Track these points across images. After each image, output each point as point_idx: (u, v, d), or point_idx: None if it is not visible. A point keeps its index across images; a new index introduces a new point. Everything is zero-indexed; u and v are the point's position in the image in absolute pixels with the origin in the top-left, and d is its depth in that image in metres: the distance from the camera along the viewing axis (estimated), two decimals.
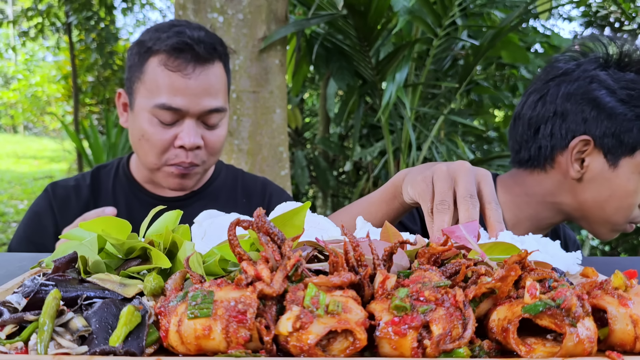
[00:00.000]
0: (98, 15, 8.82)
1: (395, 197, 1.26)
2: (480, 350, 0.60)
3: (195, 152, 1.67)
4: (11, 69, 17.43)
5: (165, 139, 1.64)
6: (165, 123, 1.63)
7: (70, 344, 0.59)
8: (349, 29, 3.77)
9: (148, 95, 1.64)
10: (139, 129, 1.66)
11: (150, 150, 1.67)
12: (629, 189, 1.50)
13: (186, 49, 1.62)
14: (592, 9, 5.58)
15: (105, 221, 0.78)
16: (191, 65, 1.62)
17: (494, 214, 1.02)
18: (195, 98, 1.62)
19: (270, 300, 0.60)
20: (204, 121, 1.66)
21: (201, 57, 1.64)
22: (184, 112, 1.62)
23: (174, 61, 1.62)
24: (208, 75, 1.65)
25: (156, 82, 1.63)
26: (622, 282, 0.67)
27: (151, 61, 1.64)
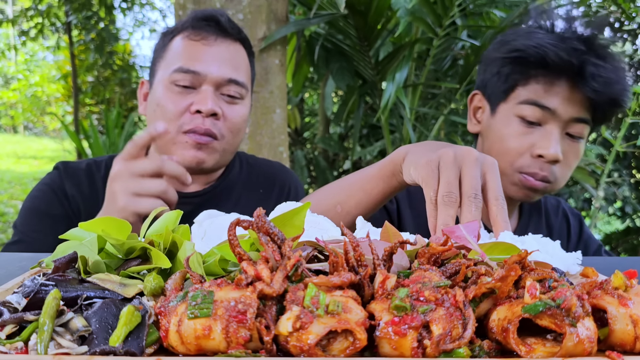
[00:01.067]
0: (98, 15, 8.83)
1: (394, 174, 1.22)
2: (480, 350, 0.60)
3: (212, 121, 1.56)
4: (11, 69, 17.42)
5: (180, 105, 1.55)
6: (181, 87, 1.55)
7: (70, 344, 0.59)
8: (349, 28, 3.77)
9: (166, 66, 1.58)
10: (155, 102, 1.58)
11: (164, 118, 1.56)
12: (503, 133, 1.52)
13: (210, 21, 1.59)
14: (592, 9, 5.58)
15: (105, 221, 0.78)
16: (214, 36, 1.58)
17: (500, 212, 0.99)
18: (214, 64, 1.55)
19: (270, 300, 0.60)
20: (223, 93, 1.59)
21: (225, 31, 1.60)
22: (201, 78, 1.55)
23: (197, 33, 1.58)
24: (229, 48, 1.60)
25: (177, 52, 1.58)
26: (622, 282, 0.67)
27: (175, 39, 1.60)
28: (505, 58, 1.52)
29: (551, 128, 1.46)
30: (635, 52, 6.03)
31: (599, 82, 1.42)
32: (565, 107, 1.45)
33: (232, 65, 1.59)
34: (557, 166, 1.48)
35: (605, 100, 1.45)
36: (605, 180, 3.01)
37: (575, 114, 1.45)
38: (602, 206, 5.51)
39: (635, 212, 5.77)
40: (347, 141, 6.19)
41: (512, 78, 1.50)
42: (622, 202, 5.79)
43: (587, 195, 5.46)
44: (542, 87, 1.46)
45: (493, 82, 1.55)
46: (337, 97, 6.24)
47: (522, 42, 1.50)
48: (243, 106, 1.63)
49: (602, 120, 1.51)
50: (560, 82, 1.46)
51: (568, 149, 1.49)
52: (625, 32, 5.71)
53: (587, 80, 1.42)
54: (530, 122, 1.48)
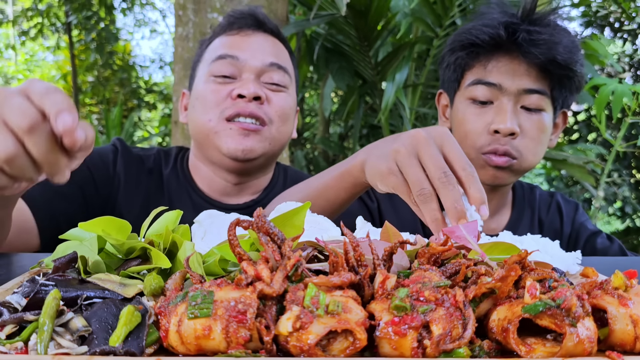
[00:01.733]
0: (98, 15, 8.83)
1: (355, 185, 1.21)
2: (481, 350, 0.60)
3: (257, 105, 1.46)
4: (11, 69, 17.43)
5: (221, 93, 1.47)
6: (222, 77, 1.48)
7: (70, 344, 0.59)
8: (349, 28, 3.77)
9: (205, 64, 1.53)
10: (194, 98, 1.52)
11: (203, 108, 1.48)
12: (461, 118, 1.55)
13: (247, 16, 1.55)
14: (592, 9, 5.58)
15: (106, 221, 0.78)
16: (251, 29, 1.53)
17: (472, 182, 0.92)
18: (254, 51, 1.49)
19: (270, 300, 0.60)
20: (265, 81, 1.50)
21: (263, 24, 1.55)
22: (241, 65, 1.48)
23: (233, 27, 1.54)
24: (268, 39, 1.54)
25: (215, 48, 1.53)
26: (622, 282, 0.67)
27: (213, 42, 1.56)
28: (450, 50, 1.58)
29: (501, 102, 1.47)
30: (635, 52, 6.03)
31: (537, 46, 1.43)
32: (511, 80, 1.46)
33: (272, 53, 1.52)
34: (519, 140, 1.47)
35: (550, 64, 1.44)
36: (605, 180, 3.01)
37: (523, 86, 1.46)
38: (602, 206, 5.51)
39: (635, 212, 5.78)
40: (347, 141, 6.19)
41: (458, 66, 1.55)
42: (622, 202, 5.79)
43: (587, 195, 5.46)
44: (484, 67, 1.50)
45: (447, 76, 1.60)
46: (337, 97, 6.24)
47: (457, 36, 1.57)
48: (288, 96, 1.54)
49: (561, 91, 1.50)
50: (499, 57, 1.48)
51: (527, 122, 1.48)
52: (625, 32, 5.71)
53: (523, 47, 1.44)
54: (483, 102, 1.50)
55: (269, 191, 1.65)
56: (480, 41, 1.48)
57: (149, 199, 1.57)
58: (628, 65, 6.00)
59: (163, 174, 1.61)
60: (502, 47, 1.47)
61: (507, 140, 1.47)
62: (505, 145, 1.47)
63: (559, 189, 5.79)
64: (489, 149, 1.48)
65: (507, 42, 1.46)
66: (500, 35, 1.46)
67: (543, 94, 1.47)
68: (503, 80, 1.46)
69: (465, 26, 1.58)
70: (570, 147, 4.13)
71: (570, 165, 3.47)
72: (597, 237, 1.68)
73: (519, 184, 1.76)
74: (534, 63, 1.45)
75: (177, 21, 3.29)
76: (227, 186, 1.59)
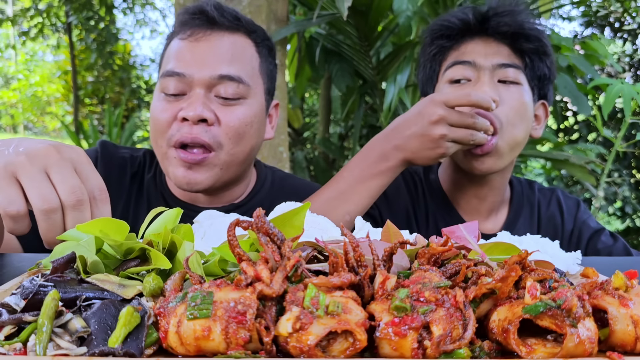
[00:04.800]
0: (98, 15, 8.84)
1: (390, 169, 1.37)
2: (481, 351, 0.60)
3: (204, 128, 1.34)
4: (11, 69, 17.43)
5: (168, 113, 1.37)
6: (169, 94, 1.38)
7: (69, 345, 0.58)
8: (350, 29, 3.77)
9: (162, 71, 1.44)
10: (150, 114, 1.44)
11: (155, 130, 1.40)
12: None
13: (199, 14, 1.42)
14: (592, 9, 5.58)
15: (103, 222, 0.78)
16: (202, 29, 1.40)
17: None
18: (201, 62, 1.37)
19: (270, 301, 0.60)
20: (217, 95, 1.38)
21: (215, 22, 1.41)
22: (188, 79, 1.36)
23: (185, 31, 1.42)
24: (222, 41, 1.40)
25: (168, 56, 1.43)
26: (623, 283, 0.67)
27: (171, 43, 1.46)
28: (422, 49, 1.64)
29: (478, 76, 1.51)
30: (635, 52, 6.03)
31: (503, 17, 1.51)
32: (484, 57, 1.51)
33: (225, 59, 1.38)
34: (499, 109, 1.47)
35: (519, 36, 1.51)
36: (605, 180, 3.01)
37: (497, 61, 1.50)
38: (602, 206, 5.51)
39: (635, 212, 5.78)
40: (347, 141, 6.19)
41: (434, 60, 1.60)
42: (622, 202, 5.79)
43: (587, 195, 5.46)
44: (456, 50, 1.56)
45: (424, 76, 1.64)
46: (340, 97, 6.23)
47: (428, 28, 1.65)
48: (245, 107, 1.40)
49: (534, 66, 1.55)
50: (472, 41, 1.55)
51: (506, 93, 1.49)
52: (625, 32, 5.71)
53: (491, 25, 1.52)
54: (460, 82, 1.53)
55: (253, 195, 1.59)
56: (451, 24, 1.56)
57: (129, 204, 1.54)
58: (628, 65, 6.00)
59: (145, 178, 1.57)
60: (472, 30, 1.55)
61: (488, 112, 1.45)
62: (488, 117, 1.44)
63: None
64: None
65: (477, 25, 1.54)
66: (469, 17, 1.54)
67: (517, 68, 1.52)
68: (476, 57, 1.51)
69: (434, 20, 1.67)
70: (570, 147, 4.13)
71: (571, 165, 3.47)
72: (600, 234, 1.65)
73: (517, 180, 1.74)
74: (503, 40, 1.53)
75: None
76: (198, 196, 1.54)
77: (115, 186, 1.51)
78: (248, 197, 1.59)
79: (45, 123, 18.29)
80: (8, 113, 18.21)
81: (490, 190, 1.61)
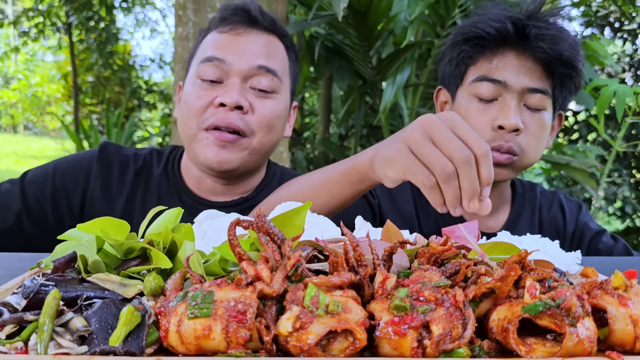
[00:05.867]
0: (98, 15, 8.83)
1: (362, 181, 1.22)
2: (480, 350, 0.60)
3: (239, 115, 1.42)
4: (11, 69, 17.43)
5: (204, 99, 1.43)
6: (208, 82, 1.44)
7: (70, 344, 0.59)
8: (349, 29, 3.77)
9: (197, 60, 1.49)
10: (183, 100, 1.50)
11: (188, 114, 1.45)
12: (462, 113, 1.53)
13: (240, 12, 1.50)
14: (592, 9, 5.58)
15: (104, 222, 0.78)
16: (243, 26, 1.48)
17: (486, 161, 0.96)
18: (242, 53, 1.44)
19: (270, 300, 0.60)
20: (252, 86, 1.45)
21: (256, 21, 1.49)
22: (227, 68, 1.43)
23: (225, 24, 1.49)
24: (260, 38, 1.48)
25: (206, 46, 1.49)
26: (622, 282, 0.67)
27: (207, 36, 1.52)
28: (452, 44, 1.56)
29: (507, 99, 1.46)
30: (635, 52, 6.03)
31: (544, 41, 1.43)
32: (515, 78, 1.46)
33: (262, 54, 1.47)
34: (521, 137, 1.47)
35: (556, 60, 1.45)
36: (605, 180, 3.01)
37: (528, 84, 1.46)
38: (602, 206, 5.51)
39: (635, 212, 5.77)
40: (347, 141, 6.19)
41: (462, 61, 1.53)
42: (622, 202, 5.79)
43: (587, 195, 5.46)
44: (489, 62, 1.49)
45: (448, 71, 1.58)
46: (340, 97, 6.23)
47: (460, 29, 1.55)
48: (276, 101, 1.48)
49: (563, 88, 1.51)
50: (505, 53, 1.47)
51: (530, 120, 1.48)
52: (625, 32, 5.71)
53: (531, 41, 1.43)
54: (487, 100, 1.49)
55: (261, 189, 1.64)
56: (486, 34, 1.47)
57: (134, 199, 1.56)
58: (628, 65, 6.00)
59: (153, 174, 1.60)
60: (508, 41, 1.47)
61: (511, 137, 1.47)
62: (509, 142, 1.47)
63: (559, 189, 5.79)
64: (493, 145, 1.48)
65: (514, 37, 1.46)
66: (507, 29, 1.45)
67: (545, 94, 1.48)
68: (508, 77, 1.46)
69: (469, 20, 1.56)
70: (570, 148, 4.13)
71: (572, 169, 3.47)
72: (601, 236, 1.67)
73: (518, 181, 1.75)
74: (539, 60, 1.45)
75: (177, 21, 3.29)
76: (215, 187, 1.58)
77: (116, 184, 1.55)
78: (256, 191, 1.63)
79: (45, 123, 18.29)
80: (8, 113, 18.21)
81: (494, 191, 1.62)
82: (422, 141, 0.98)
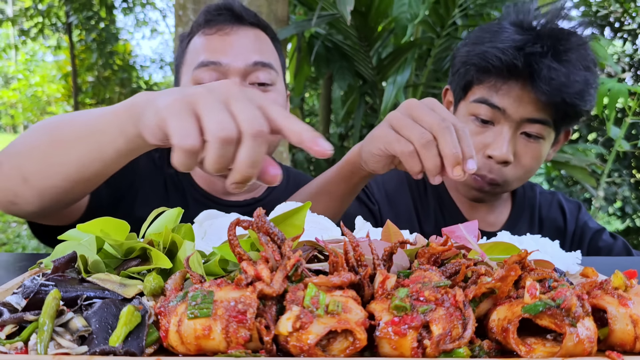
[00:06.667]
0: (98, 15, 8.83)
1: (353, 173, 1.23)
2: (480, 350, 0.60)
3: None
4: (11, 69, 17.43)
5: None
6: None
7: (70, 344, 0.59)
8: (350, 29, 3.77)
9: (188, 68, 1.48)
10: None
11: None
12: None
13: (224, 11, 1.50)
14: (592, 9, 5.58)
15: (104, 222, 0.78)
16: (230, 25, 1.48)
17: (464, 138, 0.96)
18: (235, 52, 1.44)
19: (270, 300, 0.60)
20: (252, 82, 1.46)
21: (242, 18, 1.50)
22: (224, 68, 1.43)
23: (211, 26, 1.48)
24: (248, 34, 1.49)
25: (196, 50, 1.48)
26: (622, 282, 0.67)
27: (192, 40, 1.51)
28: (463, 60, 1.53)
29: (502, 128, 1.45)
30: (635, 52, 6.03)
31: (550, 85, 1.39)
32: (515, 107, 1.43)
33: (255, 49, 1.47)
34: (509, 167, 1.46)
35: (558, 103, 1.42)
36: (605, 180, 3.01)
37: (527, 115, 1.43)
38: (602, 206, 5.51)
39: (635, 212, 5.77)
40: (347, 141, 6.19)
41: (467, 79, 1.52)
42: (622, 202, 5.79)
43: (588, 195, 5.46)
44: (493, 86, 1.46)
45: (455, 81, 1.57)
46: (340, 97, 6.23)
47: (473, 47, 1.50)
48: (277, 93, 1.50)
49: (565, 122, 1.49)
50: (510, 83, 1.44)
51: (523, 149, 1.47)
52: (625, 32, 5.71)
53: (536, 82, 1.40)
54: (484, 121, 1.47)
55: (271, 190, 1.64)
56: (494, 69, 1.44)
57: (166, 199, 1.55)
58: (628, 65, 5.99)
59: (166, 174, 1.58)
60: (515, 72, 1.43)
61: (498, 168, 1.46)
62: (492, 174, 1.47)
63: (559, 189, 5.78)
64: (478, 172, 1.47)
65: (522, 70, 1.42)
66: (516, 65, 1.41)
67: (545, 124, 1.46)
68: (508, 106, 1.43)
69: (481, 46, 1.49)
70: (571, 147, 4.13)
71: (572, 167, 3.47)
72: (601, 234, 1.67)
73: None
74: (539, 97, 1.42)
75: (177, 21, 3.30)
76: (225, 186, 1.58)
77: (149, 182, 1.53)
78: (266, 192, 1.64)
79: None
80: (8, 113, 18.20)
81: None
82: (402, 118, 1.01)
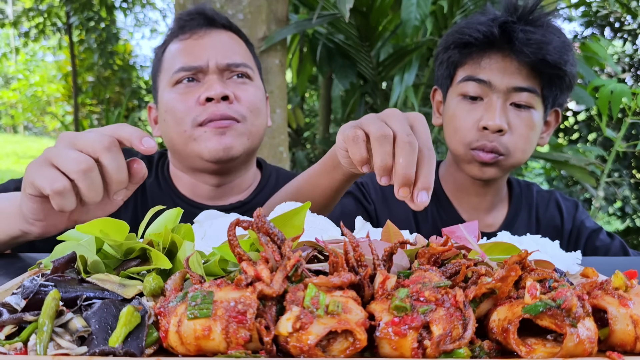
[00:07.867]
0: (99, 15, 8.84)
1: (335, 167, 1.21)
2: (481, 351, 0.60)
3: (227, 105, 1.44)
4: (11, 69, 17.43)
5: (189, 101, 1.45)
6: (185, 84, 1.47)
7: (69, 345, 0.58)
8: (351, 29, 3.77)
9: (166, 74, 1.51)
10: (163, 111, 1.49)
11: (174, 120, 1.46)
12: (451, 114, 1.57)
13: (196, 15, 1.54)
14: (592, 9, 5.58)
15: (103, 222, 0.78)
16: (203, 28, 1.52)
17: (427, 165, 0.89)
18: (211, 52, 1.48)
19: (270, 300, 0.60)
20: (230, 77, 1.50)
21: (214, 21, 1.54)
22: (203, 69, 1.47)
23: (184, 31, 1.52)
24: (221, 36, 1.53)
25: (172, 56, 1.51)
26: (623, 282, 0.67)
27: (167, 48, 1.55)
28: (444, 48, 1.60)
29: (492, 100, 1.49)
30: (635, 52, 6.03)
31: (529, 45, 1.44)
32: (500, 78, 1.48)
33: (228, 49, 1.51)
34: (506, 137, 1.49)
35: (540, 63, 1.46)
36: (605, 180, 3.01)
37: (513, 84, 1.48)
38: (602, 206, 5.51)
39: (635, 212, 5.77)
40: None
41: (451, 63, 1.57)
42: (622, 202, 5.78)
43: (587, 195, 5.45)
44: (476, 63, 1.52)
45: (440, 73, 1.63)
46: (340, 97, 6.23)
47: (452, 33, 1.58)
48: (256, 88, 1.53)
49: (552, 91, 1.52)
50: (491, 55, 1.50)
51: (516, 119, 1.50)
52: (625, 32, 5.71)
53: (515, 46, 1.45)
54: (473, 98, 1.52)
55: (258, 192, 1.63)
56: (474, 39, 1.50)
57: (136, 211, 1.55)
58: (628, 66, 5.99)
59: (146, 183, 1.58)
60: (494, 45, 1.49)
61: (495, 137, 1.49)
62: (493, 142, 1.49)
63: (559, 189, 5.78)
64: (477, 144, 1.51)
65: (500, 41, 1.48)
66: (493, 33, 1.48)
67: (533, 92, 1.49)
68: (493, 78, 1.49)
69: (459, 24, 1.60)
70: (570, 148, 4.13)
71: (572, 167, 3.47)
72: (598, 234, 1.69)
73: (515, 181, 1.77)
74: (524, 62, 1.47)
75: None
76: (210, 190, 1.57)
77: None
78: (253, 194, 1.63)
79: (45, 123, 18.28)
80: (8, 113, 18.20)
81: (490, 189, 1.65)
82: (372, 117, 0.97)
